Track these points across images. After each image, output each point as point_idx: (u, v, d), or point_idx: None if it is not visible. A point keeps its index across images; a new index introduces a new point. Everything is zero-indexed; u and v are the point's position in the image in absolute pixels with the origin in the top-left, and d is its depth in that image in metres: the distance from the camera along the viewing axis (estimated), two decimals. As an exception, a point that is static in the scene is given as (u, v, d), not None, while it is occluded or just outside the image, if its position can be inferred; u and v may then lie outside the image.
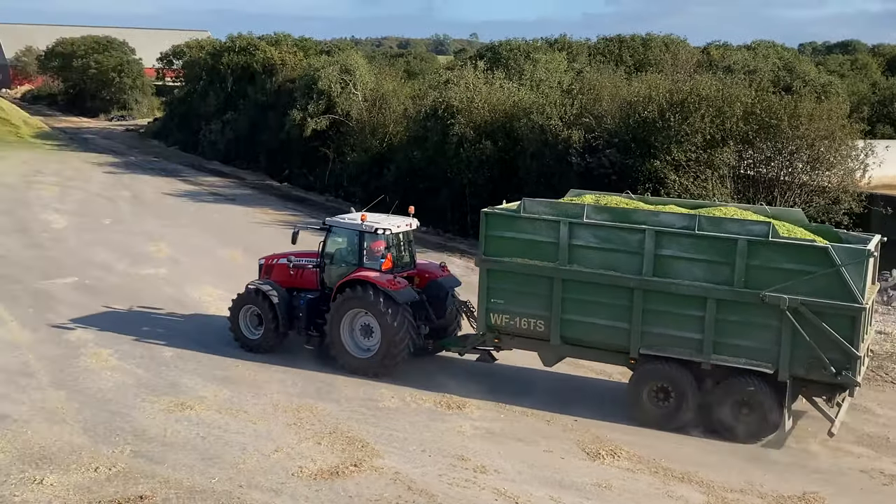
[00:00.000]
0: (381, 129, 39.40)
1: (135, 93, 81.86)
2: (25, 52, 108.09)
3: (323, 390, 17.23)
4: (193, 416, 15.65)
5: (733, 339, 15.17)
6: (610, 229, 15.83)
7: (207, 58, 58.23)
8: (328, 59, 44.97)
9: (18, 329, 20.10)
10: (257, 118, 49.16)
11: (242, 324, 19.40)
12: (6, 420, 15.07)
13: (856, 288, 14.30)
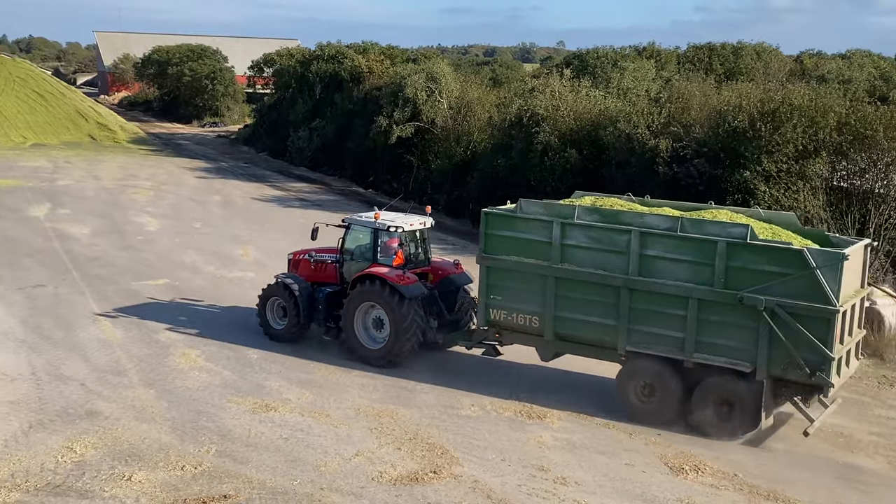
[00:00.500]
0: (465, 136, 39.48)
1: (226, 100, 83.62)
2: (123, 60, 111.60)
3: (403, 396, 17.32)
4: (277, 417, 15.89)
5: (714, 339, 15.57)
6: (599, 230, 16.45)
7: (297, 66, 59.19)
8: (414, 68, 45.24)
9: (111, 328, 20.72)
10: (344, 125, 49.75)
11: (269, 314, 20.43)
12: (98, 417, 15.53)
13: (830, 290, 14.58)
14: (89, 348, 19.29)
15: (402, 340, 18.42)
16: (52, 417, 15.46)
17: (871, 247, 16.81)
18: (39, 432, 14.82)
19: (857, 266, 16.11)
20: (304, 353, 19.47)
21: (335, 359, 19.20)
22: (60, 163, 50.89)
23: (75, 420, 15.37)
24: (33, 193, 39.76)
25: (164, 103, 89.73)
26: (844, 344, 15.37)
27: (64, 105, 70.44)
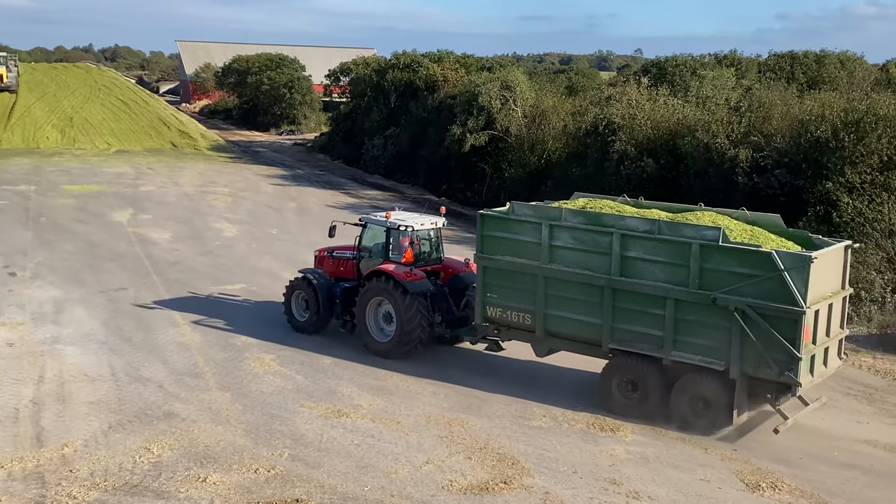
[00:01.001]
0: (539, 145, 39.31)
1: (304, 108, 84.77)
2: (204, 69, 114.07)
3: (474, 405, 17.26)
4: (349, 423, 15.99)
5: (690, 337, 16.02)
6: (583, 232, 17.07)
7: (372, 74, 59.71)
8: (489, 76, 45.24)
9: (189, 332, 21.12)
10: (418, 133, 49.99)
11: (294, 307, 21.58)
12: (175, 419, 15.83)
13: (797, 292, 14.91)
14: (168, 351, 19.69)
15: (406, 333, 19.30)
16: (130, 418, 15.81)
17: (851, 248, 16.97)
18: (118, 432, 15.16)
19: (836, 267, 16.41)
20: (375, 360, 19.56)
21: (407, 366, 19.24)
22: (143, 169, 52.18)
23: (153, 421, 15.69)
24: (116, 199, 40.85)
25: (243, 111, 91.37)
26: (818, 344, 15.65)
27: (147, 113, 72.32)
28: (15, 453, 14.22)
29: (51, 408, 16.14)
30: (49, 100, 71.84)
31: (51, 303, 23.13)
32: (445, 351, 20.32)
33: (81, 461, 14.01)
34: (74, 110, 70.20)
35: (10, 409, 15.99)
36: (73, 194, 41.78)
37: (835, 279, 16.42)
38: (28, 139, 63.38)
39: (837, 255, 16.54)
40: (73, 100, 72.71)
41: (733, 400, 15.71)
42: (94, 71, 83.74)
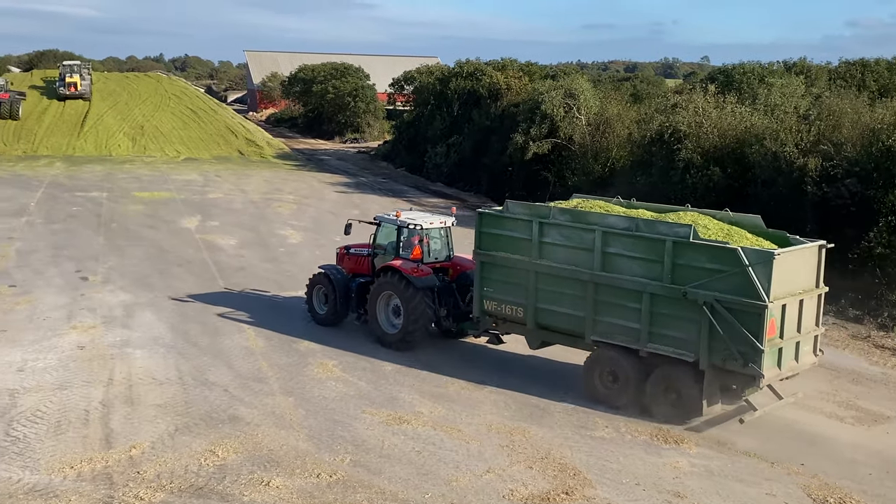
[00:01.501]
0: (603, 153, 39.04)
1: (367, 116, 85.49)
2: (271, 78, 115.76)
3: (536, 415, 17.17)
4: (410, 430, 16.03)
5: (664, 330, 16.72)
6: (569, 229, 17.95)
7: (436, 83, 59.97)
8: (552, 84, 45.10)
9: (254, 337, 21.40)
10: (481, 141, 50.04)
11: (314, 300, 22.79)
12: (240, 423, 16.04)
13: (761, 287, 15.50)
14: (233, 355, 19.98)
15: (411, 325, 20.31)
16: (196, 421, 16.06)
17: (825, 248, 17.20)
18: (185, 435, 15.42)
19: (808, 266, 16.85)
20: (437, 368, 19.59)
21: (468, 374, 19.24)
22: (211, 176, 53.13)
23: (218, 424, 15.93)
24: (185, 206, 41.65)
25: (309, 120, 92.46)
26: (786, 338, 16.17)
27: (215, 121, 73.64)
28: (84, 454, 14.54)
29: (119, 410, 16.49)
30: (121, 108, 73.58)
31: (121, 307, 23.65)
32: (507, 359, 20.27)
33: (148, 463, 14.27)
34: (145, 119, 71.79)
35: (81, 411, 16.36)
36: (143, 201, 42.73)
37: (807, 277, 16.83)
38: (101, 147, 65.02)
39: (809, 255, 16.92)
40: (144, 108, 74.35)
41: (702, 390, 16.35)
42: (164, 80, 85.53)
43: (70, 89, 73.71)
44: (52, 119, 69.59)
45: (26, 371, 18.37)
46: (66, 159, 60.31)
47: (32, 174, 52.15)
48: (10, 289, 25.10)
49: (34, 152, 62.67)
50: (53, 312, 22.84)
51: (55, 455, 14.46)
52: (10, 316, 22.39)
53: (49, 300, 24.01)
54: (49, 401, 16.77)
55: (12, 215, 37.46)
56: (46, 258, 29.33)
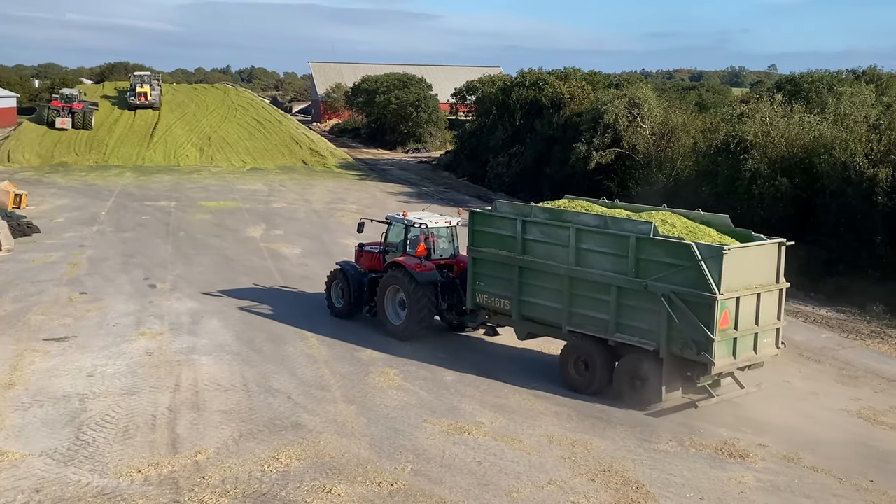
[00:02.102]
0: (668, 163, 38.64)
1: (430, 126, 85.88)
2: (335, 89, 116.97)
3: (598, 426, 17.01)
4: (471, 440, 16.00)
5: (629, 321, 17.79)
6: (548, 226, 19.17)
7: (498, 93, 60.00)
8: (616, 93, 44.79)
9: (317, 345, 21.60)
10: (543, 151, 49.91)
11: (333, 294, 24.17)
12: (302, 430, 16.19)
13: (712, 280, 16.43)
14: (297, 363, 20.19)
15: (414, 317, 21.61)
16: (260, 427, 16.25)
17: (784, 245, 17.83)
18: (249, 441, 15.61)
19: (767, 262, 17.60)
20: (498, 377, 19.54)
21: (529, 384, 19.16)
22: (275, 186, 53.87)
23: (281, 431, 16.09)
24: (250, 215, 42.29)
25: (371, 130, 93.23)
26: (741, 330, 17.01)
27: (280, 132, 74.64)
28: (151, 458, 14.81)
29: (185, 415, 16.76)
30: (189, 119, 75.02)
31: (188, 314, 24.07)
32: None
33: (213, 468, 14.48)
34: (212, 129, 73.10)
35: (148, 416, 16.68)
36: (209, 210, 43.50)
37: (766, 273, 17.58)
38: (169, 157, 66.41)
39: (767, 252, 17.65)
40: (212, 119, 75.70)
41: (662, 377, 17.29)
42: (231, 92, 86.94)
43: (140, 99, 75.61)
44: (123, 130, 71.27)
45: (96, 376, 18.79)
46: (136, 169, 61.77)
47: (104, 184, 53.51)
48: (81, 296, 25.73)
49: (105, 162, 64.31)
50: (123, 319, 23.35)
51: (123, 459, 14.76)
52: (82, 322, 22.94)
53: (119, 307, 24.55)
54: (118, 406, 17.13)
55: (84, 224, 38.44)
56: (116, 266, 30.02)
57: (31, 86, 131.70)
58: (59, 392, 17.77)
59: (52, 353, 20.31)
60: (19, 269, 28.94)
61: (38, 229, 35.79)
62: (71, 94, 72.87)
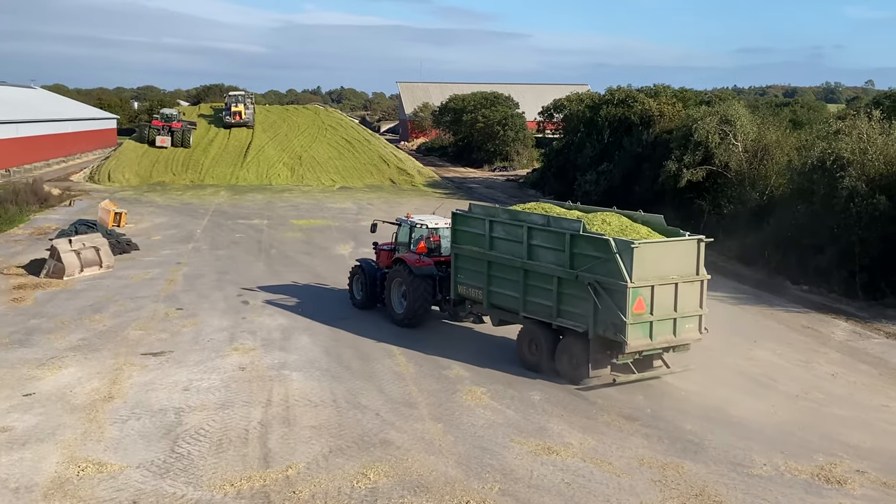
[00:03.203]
0: (761, 181, 37.82)
1: (517, 145, 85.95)
2: (422, 108, 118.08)
3: (690, 449, 16.68)
4: (559, 461, 15.86)
5: (567, 307, 20.13)
6: (508, 225, 21.64)
7: (586, 110, 59.69)
8: (707, 110, 44.04)
9: (405, 362, 21.73)
10: (632, 169, 49.38)
11: (354, 288, 27.26)
12: (390, 447, 16.29)
13: (625, 270, 18.62)
14: (384, 380, 20.34)
15: (413, 306, 24.43)
16: (349, 443, 16.41)
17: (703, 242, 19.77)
18: (338, 457, 15.77)
19: (686, 256, 19.58)
20: (586, 398, 19.36)
21: (619, 406, 18.92)
22: (363, 204, 54.55)
23: (370, 448, 16.22)
24: (339, 233, 42.91)
25: (458, 148, 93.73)
26: (657, 315, 19.02)
27: (368, 151, 75.64)
28: (244, 472, 15.09)
29: (277, 430, 17.03)
30: (281, 139, 76.64)
31: (279, 330, 24.52)
32: (659, 392, 19.82)
33: (304, 483, 14.67)
34: (303, 149, 74.51)
35: (241, 430, 17.00)
36: (300, 228, 44.30)
37: (685, 266, 19.53)
38: (261, 176, 67.92)
39: (685, 247, 19.67)
40: (303, 139, 77.17)
41: (590, 356, 19.49)
42: (321, 112, 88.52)
43: (235, 118, 78.03)
44: (218, 150, 73.22)
45: (191, 390, 19.27)
46: (230, 188, 63.35)
47: (199, 202, 55.01)
48: (177, 311, 26.45)
49: (201, 181, 66.14)
50: (217, 335, 23.91)
51: (217, 472, 15.07)
52: (178, 338, 23.57)
53: (213, 323, 25.16)
54: (212, 419, 17.51)
55: (180, 242, 39.56)
56: (211, 283, 30.78)
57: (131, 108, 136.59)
58: (156, 405, 18.28)
59: (149, 367, 20.92)
60: (119, 286, 29.92)
61: (137, 247, 36.96)
62: (171, 114, 75.73)
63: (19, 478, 14.69)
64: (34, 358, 21.48)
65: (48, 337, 23.39)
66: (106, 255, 32.73)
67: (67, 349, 22.30)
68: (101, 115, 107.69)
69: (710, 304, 22.37)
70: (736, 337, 24.91)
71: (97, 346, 22.67)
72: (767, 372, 21.93)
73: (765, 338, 25.21)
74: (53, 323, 24.83)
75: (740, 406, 19.10)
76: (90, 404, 18.27)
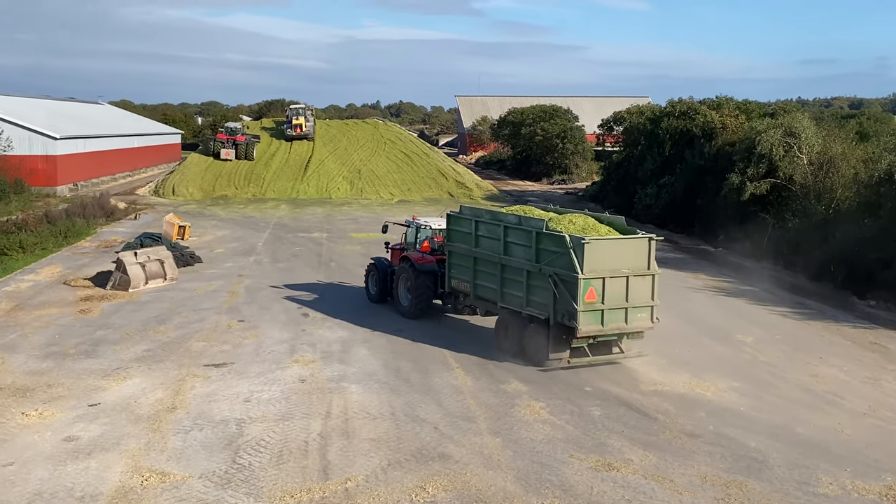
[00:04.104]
0: (827, 194, 37.08)
1: (576, 158, 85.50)
2: (480, 122, 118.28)
3: (753, 467, 16.34)
4: (619, 477, 15.66)
5: (534, 297, 22.32)
6: (489, 224, 24.02)
7: (646, 123, 59.17)
8: (771, 122, 43.35)
9: (462, 375, 21.69)
10: (694, 182, 48.76)
11: (369, 284, 29.96)
12: (449, 461, 16.25)
13: (577, 263, 20.81)
14: (443, 393, 20.32)
15: (416, 299, 27.03)
16: (407, 457, 16.41)
17: (653, 240, 21.78)
18: (397, 470, 15.78)
19: (637, 253, 21.56)
20: (647, 414, 19.10)
21: (680, 422, 18.62)
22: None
23: (428, 461, 16.19)
24: (398, 246, 42.98)
25: (517, 162, 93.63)
26: (609, 305, 21.12)
27: (427, 164, 75.93)
28: (304, 484, 15.17)
29: (336, 442, 17.11)
30: (340, 153, 77.36)
31: (338, 342, 24.67)
32: (721, 408, 19.48)
33: (363, 496, 14.69)
34: (362, 163, 75.10)
35: (301, 442, 17.11)
36: (359, 241, 44.59)
37: (636, 261, 21.50)
38: (321, 190, 68.61)
39: (636, 244, 21.65)
40: (362, 153, 77.78)
41: (549, 340, 21.60)
42: (380, 126, 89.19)
43: (296, 130, 79.43)
44: (279, 164, 74.18)
45: (252, 402, 19.46)
46: (291, 202, 64.11)
47: (260, 216, 55.75)
48: (239, 323, 26.79)
49: (262, 195, 67.05)
50: (277, 346, 24.15)
51: (277, 484, 15.18)
52: (239, 349, 23.86)
53: (274, 335, 25.42)
54: (272, 431, 17.66)
55: (242, 254, 40.10)
56: (272, 295, 31.12)
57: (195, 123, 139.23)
58: (218, 416, 18.50)
59: (211, 378, 21.20)
60: (182, 298, 30.42)
61: (200, 259, 37.55)
62: (235, 128, 77.42)
63: (84, 487, 14.98)
64: (100, 368, 21.93)
65: (114, 348, 23.86)
66: (170, 268, 33.30)
67: (132, 360, 22.72)
68: (166, 130, 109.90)
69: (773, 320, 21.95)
70: (800, 353, 24.42)
71: (161, 357, 23.06)
72: (834, 389, 21.43)
73: (831, 354, 24.65)
74: (119, 334, 25.33)
75: (806, 423, 18.70)
76: (154, 415, 18.58)
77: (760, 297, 32.06)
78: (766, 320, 28.45)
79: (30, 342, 24.34)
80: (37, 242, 39.56)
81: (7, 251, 36.98)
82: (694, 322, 27.50)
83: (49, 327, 26.05)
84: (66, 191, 63.84)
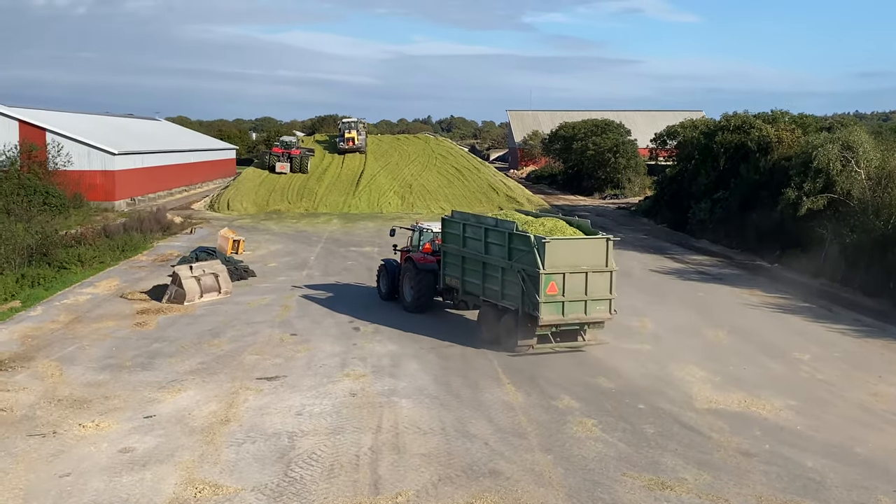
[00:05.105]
0: (886, 209, 36.25)
1: (628, 172, 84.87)
2: (532, 136, 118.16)
3: (810, 487, 16.00)
4: (673, 496, 15.44)
5: (507, 290, 24.89)
6: (474, 226, 26.69)
7: (700, 137, 58.55)
8: (828, 136, 42.60)
9: (513, 391, 21.59)
10: (749, 197, 48.11)
11: (380, 283, 32.79)
12: (500, 477, 16.16)
13: (539, 260, 23.31)
14: (493, 409, 20.24)
15: (417, 295, 29.81)
16: (458, 472, 16.36)
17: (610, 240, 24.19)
18: (447, 486, 15.74)
19: (596, 252, 23.99)
20: (701, 432, 18.82)
21: (735, 441, 18.31)
22: (473, 232, 54.54)
23: (479, 477, 16.12)
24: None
25: (568, 176, 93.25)
26: (569, 297, 23.56)
27: (478, 179, 75.99)
28: (354, 498, 15.20)
29: (387, 457, 17.13)
30: (392, 168, 77.80)
31: (389, 356, 24.74)
32: (776, 427, 19.09)
33: (413, 511, 14.67)
34: (413, 178, 75.41)
35: (352, 456, 17.16)
36: (410, 256, 44.59)
37: (595, 259, 23.90)
38: (373, 204, 69.03)
39: (595, 244, 24.10)
40: (413, 168, 78.13)
41: (518, 329, 24.19)
42: (431, 141, 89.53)
43: (348, 143, 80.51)
44: (331, 179, 74.86)
45: (304, 415, 19.59)
46: (342, 216, 64.60)
47: (312, 230, 56.25)
48: (291, 337, 27.01)
49: (314, 209, 67.68)
50: (329, 360, 24.28)
51: (328, 497, 15.23)
52: (291, 363, 24.04)
53: (325, 348, 25.57)
54: (324, 444, 17.74)
55: (295, 268, 40.45)
56: (323, 309, 31.33)
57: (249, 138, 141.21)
58: (270, 429, 18.64)
59: (264, 391, 21.38)
60: (236, 311, 30.77)
61: (254, 273, 37.97)
62: (290, 142, 78.86)
63: (139, 498, 15.18)
64: (155, 381, 22.25)
65: (169, 360, 24.20)
66: (224, 282, 33.71)
67: (187, 373, 23.02)
68: (221, 145, 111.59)
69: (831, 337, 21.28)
70: (858, 371, 23.90)
71: (215, 369, 23.33)
72: (894, 408, 20.92)
73: (890, 372, 24.08)
74: (174, 347, 25.69)
75: (864, 443, 18.28)
76: (208, 427, 18.78)
77: (817, 314, 31.46)
78: (824, 337, 27.90)
79: (87, 354, 24.80)
80: (95, 256, 40.33)
81: (66, 265, 37.72)
82: (749, 339, 27.09)
83: (106, 340, 26.52)
84: (123, 205, 65.09)
